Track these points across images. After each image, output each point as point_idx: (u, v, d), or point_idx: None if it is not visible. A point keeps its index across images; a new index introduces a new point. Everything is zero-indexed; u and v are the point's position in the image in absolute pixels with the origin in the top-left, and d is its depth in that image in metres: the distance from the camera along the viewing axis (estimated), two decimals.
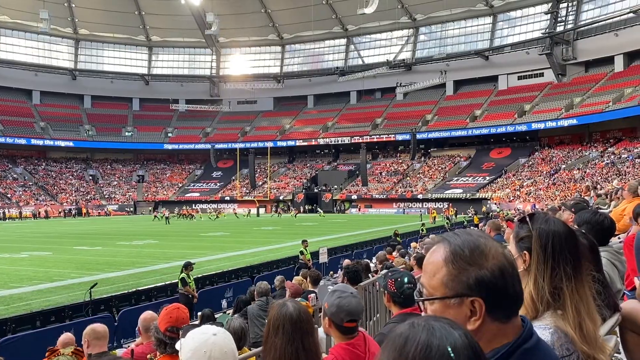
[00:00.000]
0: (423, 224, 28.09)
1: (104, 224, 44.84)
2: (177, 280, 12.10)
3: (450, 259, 1.11)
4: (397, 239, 21.24)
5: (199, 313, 8.44)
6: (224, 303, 10.77)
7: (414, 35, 71.79)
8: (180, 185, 71.88)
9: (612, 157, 48.09)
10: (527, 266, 1.63)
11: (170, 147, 74.79)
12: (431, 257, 1.17)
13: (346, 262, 12.70)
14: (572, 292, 1.53)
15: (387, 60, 69.83)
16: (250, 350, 4.27)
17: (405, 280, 3.06)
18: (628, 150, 47.61)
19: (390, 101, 72.63)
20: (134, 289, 13.10)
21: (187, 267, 11.56)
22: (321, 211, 56.28)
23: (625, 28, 53.60)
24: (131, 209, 65.19)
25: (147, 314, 4.41)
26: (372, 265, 10.45)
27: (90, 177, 70.73)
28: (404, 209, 56.61)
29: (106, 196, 67.35)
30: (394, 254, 14.60)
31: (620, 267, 3.20)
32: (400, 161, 67.00)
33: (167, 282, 13.57)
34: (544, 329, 1.47)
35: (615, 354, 2.85)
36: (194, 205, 64.17)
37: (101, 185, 69.87)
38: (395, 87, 69.59)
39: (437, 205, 52.47)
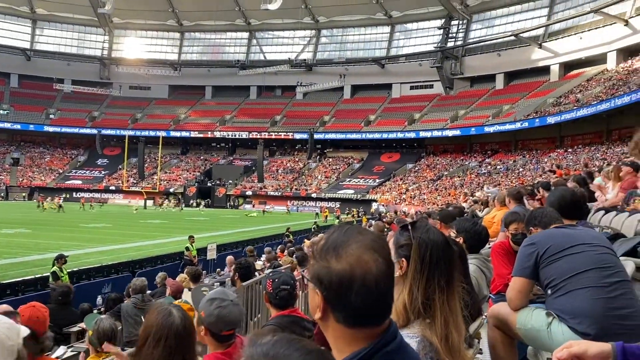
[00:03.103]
0: (315, 223, 28.54)
1: None
2: (48, 274, 11.22)
3: (312, 249, 1.19)
4: (290, 236, 21.37)
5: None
6: (99, 299, 10.14)
7: (316, 37, 72.76)
8: (61, 171, 66.86)
9: (489, 167, 52.16)
10: (404, 273, 1.67)
11: (51, 129, 69.22)
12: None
13: (230, 258, 12.57)
14: (443, 304, 1.58)
15: (289, 58, 70.13)
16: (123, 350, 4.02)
17: (282, 281, 3.02)
18: (502, 162, 51.88)
19: (290, 99, 73.00)
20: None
21: (59, 259, 10.77)
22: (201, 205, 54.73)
23: (507, 49, 58.37)
24: (2, 195, 59.50)
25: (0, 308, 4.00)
26: (260, 263, 10.39)
27: None
28: (297, 207, 57.19)
29: None
30: (285, 252, 14.66)
31: (488, 274, 3.44)
32: (296, 159, 67.60)
33: (37, 276, 12.51)
34: (411, 337, 1.51)
35: (477, 355, 3.04)
36: (74, 193, 60.03)
37: None
38: (295, 86, 70.09)
39: (330, 205, 53.65)
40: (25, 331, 1.86)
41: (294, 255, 7.62)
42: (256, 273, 7.40)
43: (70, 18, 72.60)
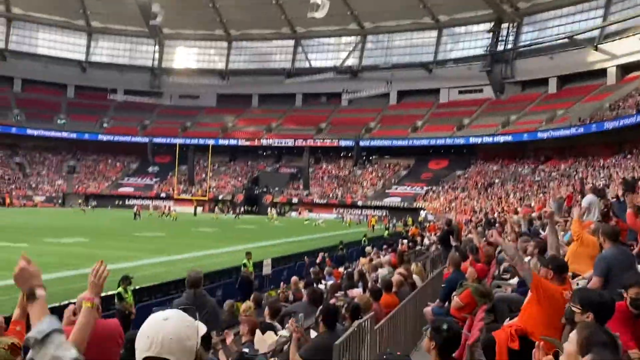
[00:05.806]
0: (365, 235, 28.22)
1: (30, 216, 42.17)
2: (112, 293, 11.40)
3: None
4: (343, 250, 21.15)
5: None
6: None
7: (361, 43, 72.47)
8: (114, 178, 69.04)
9: (542, 174, 50.40)
10: None
11: (105, 138, 71.53)
12: None
13: (294, 279, 12.39)
14: None
15: (335, 65, 70.12)
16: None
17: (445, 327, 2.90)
18: (557, 169, 50.05)
19: (335, 107, 72.95)
20: (67, 302, 12.18)
21: (124, 281, 10.85)
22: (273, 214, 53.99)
23: (560, 52, 56.42)
24: (60, 201, 61.95)
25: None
26: (321, 287, 10.21)
27: (17, 165, 66.58)
28: (342, 215, 56.91)
29: (33, 186, 63.61)
30: (340, 269, 14.45)
31: None
32: (342, 167, 67.42)
33: (102, 295, 12.74)
34: None
35: None
36: (127, 200, 61.79)
37: (28, 174, 65.92)
38: (340, 93, 70.01)
39: (376, 213, 53.11)
40: (203, 329, 1.82)
41: (368, 290, 7.31)
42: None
43: (123, 30, 75.08)
